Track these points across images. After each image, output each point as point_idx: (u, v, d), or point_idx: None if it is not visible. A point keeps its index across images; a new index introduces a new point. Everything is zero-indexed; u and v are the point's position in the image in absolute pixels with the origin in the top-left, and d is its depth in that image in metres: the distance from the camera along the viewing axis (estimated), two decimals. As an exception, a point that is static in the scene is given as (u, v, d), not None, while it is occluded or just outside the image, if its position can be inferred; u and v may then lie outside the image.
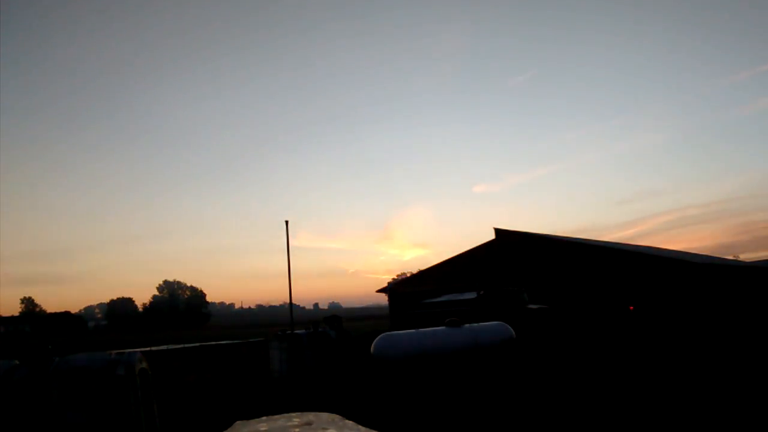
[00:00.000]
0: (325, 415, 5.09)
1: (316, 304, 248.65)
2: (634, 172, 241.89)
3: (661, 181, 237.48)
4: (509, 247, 38.15)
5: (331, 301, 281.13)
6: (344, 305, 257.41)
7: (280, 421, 4.84)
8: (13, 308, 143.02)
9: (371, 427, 4.60)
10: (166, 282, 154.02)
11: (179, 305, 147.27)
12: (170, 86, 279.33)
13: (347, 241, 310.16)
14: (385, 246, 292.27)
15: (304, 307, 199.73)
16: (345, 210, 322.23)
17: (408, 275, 71.29)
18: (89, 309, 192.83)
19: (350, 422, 4.83)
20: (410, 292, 40.10)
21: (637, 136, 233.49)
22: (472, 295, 31.41)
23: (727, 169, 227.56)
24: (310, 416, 5.00)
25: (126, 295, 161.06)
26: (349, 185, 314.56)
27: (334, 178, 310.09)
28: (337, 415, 5.14)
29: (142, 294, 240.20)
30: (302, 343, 20.06)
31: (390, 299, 41.92)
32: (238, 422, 4.98)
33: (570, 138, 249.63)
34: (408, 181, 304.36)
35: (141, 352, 9.02)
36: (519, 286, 29.88)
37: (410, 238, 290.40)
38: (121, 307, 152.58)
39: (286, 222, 24.40)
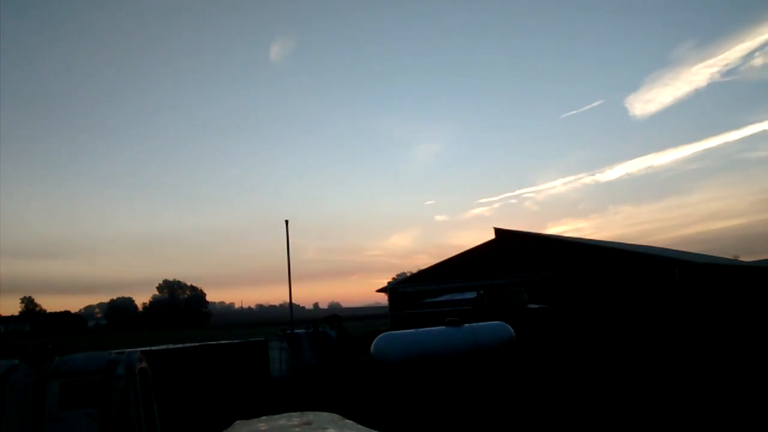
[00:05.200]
0: (325, 415, 5.10)
1: (316, 304, 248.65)
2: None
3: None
4: (509, 247, 38.15)
5: (331, 301, 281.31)
6: (344, 305, 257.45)
7: (280, 420, 4.85)
8: (13, 308, 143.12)
9: (371, 427, 4.60)
10: (166, 282, 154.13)
11: (179, 305, 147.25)
12: (170, 85, 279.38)
13: (348, 249, 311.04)
14: (385, 256, 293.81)
15: (304, 307, 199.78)
16: (345, 212, 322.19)
17: (408, 275, 71.30)
18: (89, 309, 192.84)
19: (350, 422, 4.84)
20: (410, 292, 40.10)
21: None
22: (472, 295, 31.43)
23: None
24: (310, 416, 5.00)
25: (126, 295, 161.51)
26: (350, 190, 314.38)
27: (334, 180, 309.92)
28: (337, 415, 5.15)
29: (142, 294, 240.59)
30: (302, 342, 20.09)
31: (390, 299, 41.89)
32: (238, 422, 4.99)
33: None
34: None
35: (141, 351, 9.01)
36: (519, 286, 29.88)
37: (408, 246, 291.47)
38: (121, 307, 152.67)
39: (286, 222, 24.40)
